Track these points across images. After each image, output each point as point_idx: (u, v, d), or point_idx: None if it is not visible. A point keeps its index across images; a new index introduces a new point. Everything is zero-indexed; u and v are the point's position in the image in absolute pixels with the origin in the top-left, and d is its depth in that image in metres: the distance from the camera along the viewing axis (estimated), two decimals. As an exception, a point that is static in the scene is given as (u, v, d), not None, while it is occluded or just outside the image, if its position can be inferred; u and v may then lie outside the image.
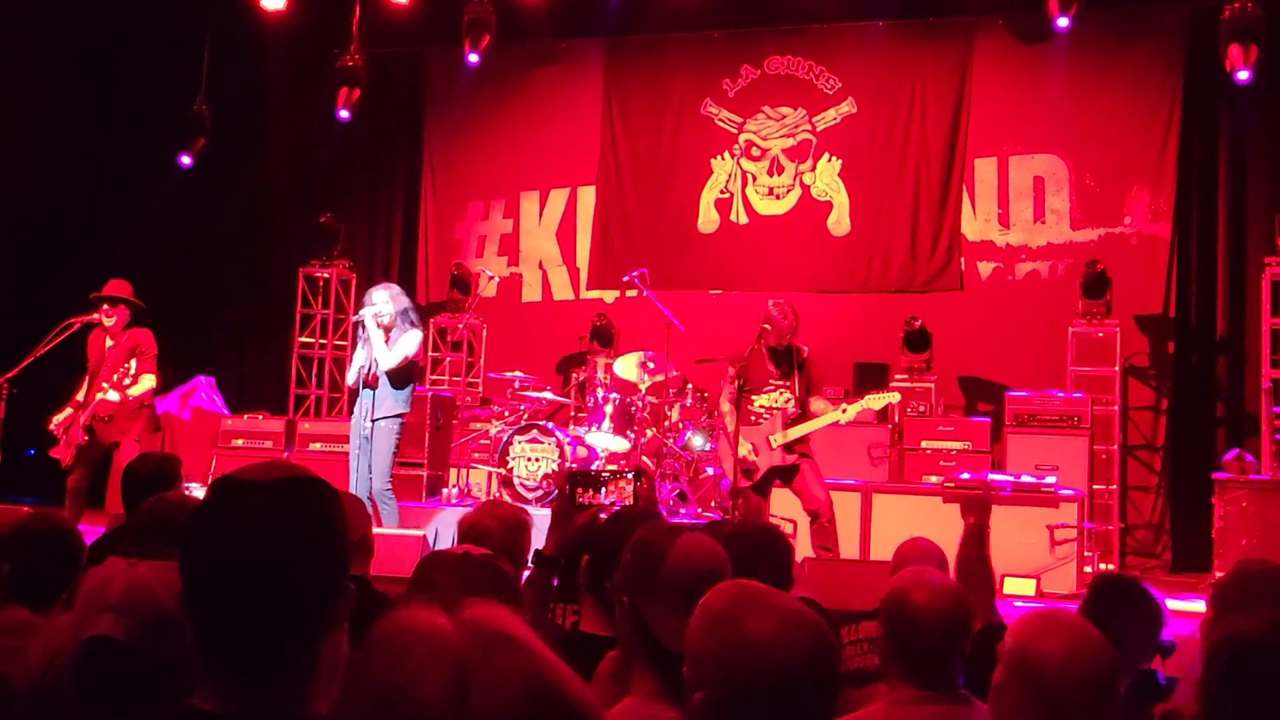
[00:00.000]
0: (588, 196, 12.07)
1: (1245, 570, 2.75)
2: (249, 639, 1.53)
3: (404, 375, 7.71)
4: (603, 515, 3.20)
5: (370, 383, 7.63)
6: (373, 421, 7.57)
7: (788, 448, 7.22)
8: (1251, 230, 9.89)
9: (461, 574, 2.32)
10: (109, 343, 7.89)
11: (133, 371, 7.51)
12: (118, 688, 2.07)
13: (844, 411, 7.30)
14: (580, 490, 3.24)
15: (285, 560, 1.53)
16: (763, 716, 1.73)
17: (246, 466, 1.63)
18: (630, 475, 3.24)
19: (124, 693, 2.04)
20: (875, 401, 7.52)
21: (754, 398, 7.36)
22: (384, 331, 7.63)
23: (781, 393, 7.35)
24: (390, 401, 7.64)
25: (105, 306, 7.84)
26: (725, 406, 7.48)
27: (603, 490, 3.24)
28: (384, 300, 7.69)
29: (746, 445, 7.27)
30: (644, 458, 9.18)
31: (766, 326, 7.39)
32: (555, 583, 3.27)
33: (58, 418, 7.82)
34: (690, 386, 9.73)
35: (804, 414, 7.29)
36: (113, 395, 7.52)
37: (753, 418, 7.33)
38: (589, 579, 2.73)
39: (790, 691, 1.73)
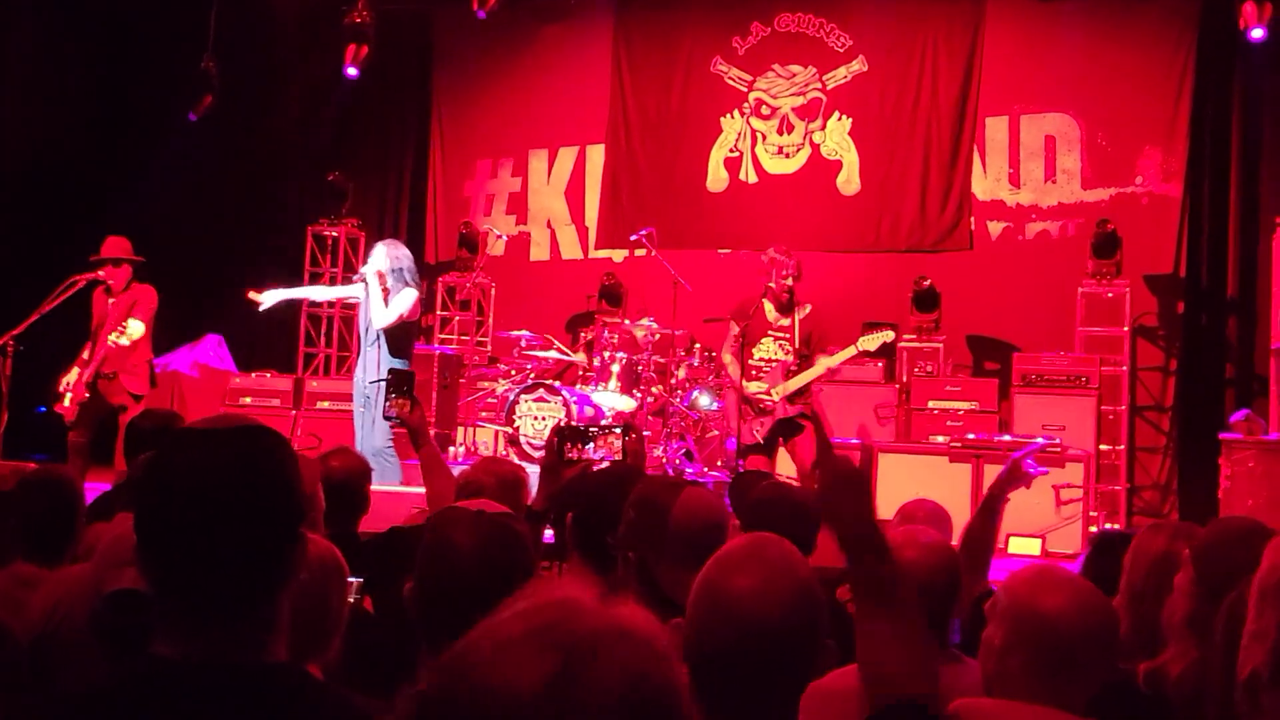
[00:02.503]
0: (596, 155, 12.01)
1: (1225, 529, 2.74)
2: (199, 584, 1.54)
3: (401, 336, 7.72)
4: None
5: (373, 342, 7.65)
6: (375, 383, 7.59)
7: (790, 399, 7.20)
8: (1264, 190, 9.81)
9: (475, 532, 2.31)
10: (111, 300, 7.92)
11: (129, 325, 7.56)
12: (136, 636, 2.11)
13: (834, 356, 7.17)
14: (569, 445, 3.24)
15: (233, 505, 1.54)
16: (742, 671, 1.73)
17: (198, 420, 1.65)
18: (619, 430, 3.24)
19: (140, 640, 2.09)
20: (870, 342, 7.22)
21: (753, 350, 7.33)
22: (383, 290, 7.64)
23: (780, 344, 7.30)
24: (392, 364, 7.66)
25: (107, 268, 7.87)
26: (727, 358, 7.48)
27: (591, 445, 3.24)
28: (382, 256, 7.71)
29: (761, 384, 7.23)
30: (650, 416, 9.19)
31: (772, 285, 7.35)
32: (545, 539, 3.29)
33: (66, 379, 7.86)
34: (698, 346, 9.72)
35: (803, 366, 7.25)
36: (122, 340, 7.56)
37: (753, 371, 7.31)
38: (576, 535, 2.74)
39: (766, 645, 1.73)
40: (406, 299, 7.67)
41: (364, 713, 1.58)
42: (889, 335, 7.46)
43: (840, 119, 11.22)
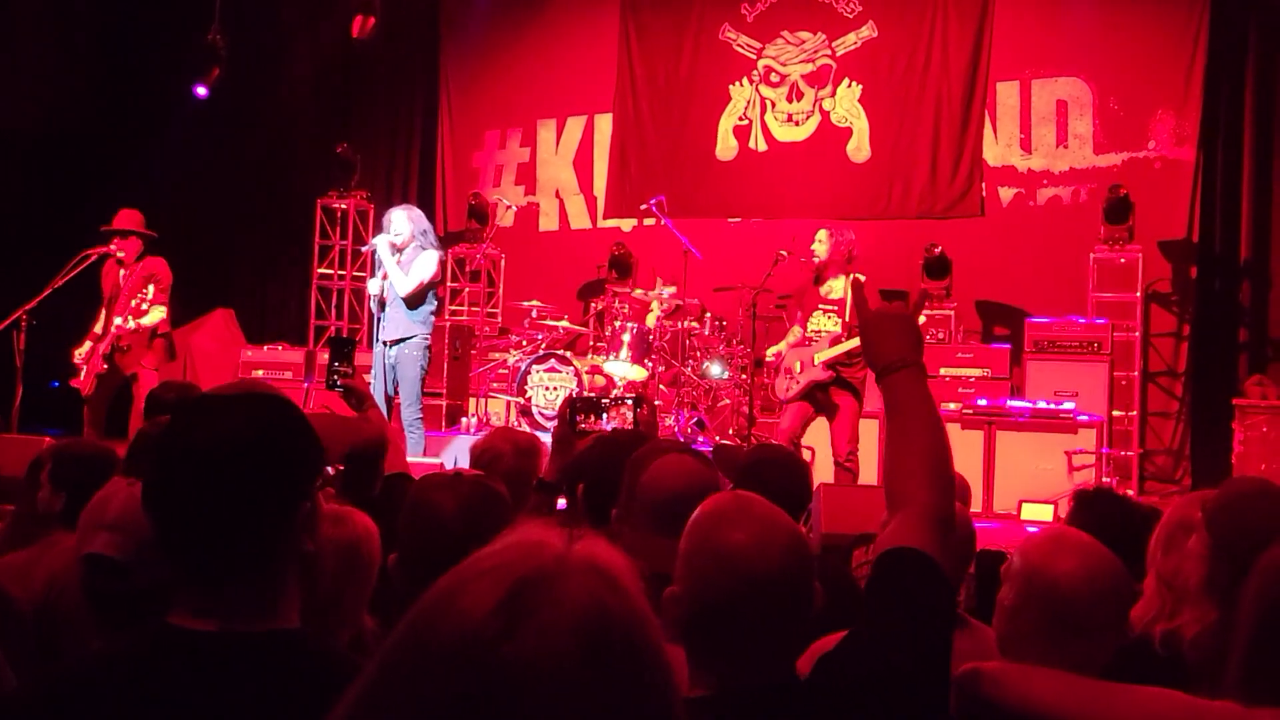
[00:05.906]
0: (605, 124, 11.97)
1: (1237, 490, 2.72)
2: (205, 553, 1.54)
3: (418, 297, 7.63)
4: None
5: (384, 303, 7.60)
6: (393, 344, 7.54)
7: (828, 365, 7.39)
8: (1278, 153, 9.73)
9: (455, 493, 2.33)
10: (123, 273, 7.93)
11: (148, 299, 7.56)
12: (119, 602, 2.10)
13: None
14: (581, 417, 3.23)
15: (230, 474, 1.53)
16: (733, 621, 1.74)
17: (214, 387, 1.65)
18: (630, 401, 3.23)
19: (126, 607, 2.08)
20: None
21: (809, 323, 7.64)
22: (397, 254, 7.55)
23: (830, 317, 7.51)
24: (406, 324, 7.56)
25: (116, 240, 7.87)
26: (796, 331, 7.80)
27: (604, 416, 3.23)
28: (402, 220, 7.60)
29: (781, 345, 7.64)
30: (661, 386, 9.19)
31: (818, 256, 7.62)
32: (559, 509, 3.28)
33: (80, 351, 7.89)
34: (709, 315, 9.70)
35: (851, 335, 7.46)
36: (130, 324, 7.58)
37: (809, 341, 7.59)
38: (586, 504, 2.73)
39: (766, 593, 1.76)
40: (429, 262, 7.57)
41: None
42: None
43: (850, 85, 11.15)
